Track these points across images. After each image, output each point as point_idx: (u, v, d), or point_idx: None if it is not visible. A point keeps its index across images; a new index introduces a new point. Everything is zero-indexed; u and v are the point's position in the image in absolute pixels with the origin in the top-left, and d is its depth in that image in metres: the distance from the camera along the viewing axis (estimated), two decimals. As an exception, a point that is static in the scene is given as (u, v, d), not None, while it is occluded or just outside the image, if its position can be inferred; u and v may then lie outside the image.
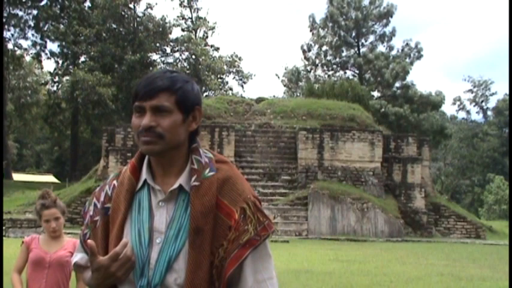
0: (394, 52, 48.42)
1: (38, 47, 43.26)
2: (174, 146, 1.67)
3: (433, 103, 43.30)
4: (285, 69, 54.69)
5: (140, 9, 48.51)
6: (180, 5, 48.12)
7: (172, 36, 45.13)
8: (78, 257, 1.82)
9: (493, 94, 63.31)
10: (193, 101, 1.71)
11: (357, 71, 49.54)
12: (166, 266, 1.60)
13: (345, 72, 50.84)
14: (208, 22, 48.73)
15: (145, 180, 1.70)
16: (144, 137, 1.64)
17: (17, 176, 41.30)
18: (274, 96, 50.49)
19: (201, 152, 1.73)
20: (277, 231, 21.16)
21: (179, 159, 1.71)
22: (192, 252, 1.59)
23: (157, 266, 1.60)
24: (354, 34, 48.99)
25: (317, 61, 51.19)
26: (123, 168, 1.80)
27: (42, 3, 41.65)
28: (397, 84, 45.36)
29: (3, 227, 18.21)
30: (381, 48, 48.97)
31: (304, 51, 51.35)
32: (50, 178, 45.16)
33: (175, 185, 1.66)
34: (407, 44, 48.02)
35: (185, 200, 1.65)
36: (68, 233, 6.67)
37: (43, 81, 47.70)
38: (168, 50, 46.08)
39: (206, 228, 1.61)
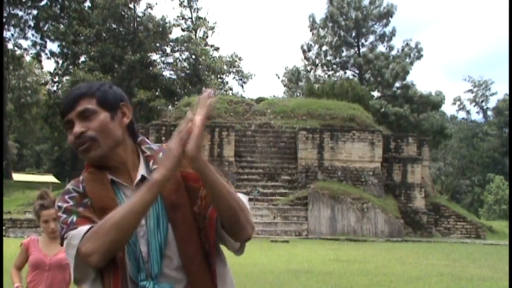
0: (394, 52, 48.46)
1: (38, 47, 43.27)
2: (112, 145, 1.68)
3: (433, 103, 43.30)
4: (285, 69, 54.75)
5: (140, 9, 48.58)
6: (180, 5, 48.07)
7: (172, 36, 45.12)
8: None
9: (493, 94, 63.41)
10: (115, 98, 1.74)
11: (357, 71, 49.53)
12: (160, 254, 1.61)
13: (345, 72, 50.86)
14: (208, 22, 48.68)
15: (111, 180, 1.69)
16: (80, 146, 1.66)
17: (17, 176, 41.31)
18: (274, 96, 50.50)
19: (148, 141, 1.78)
20: (277, 231, 21.16)
21: (128, 155, 1.72)
22: (176, 228, 1.62)
23: (150, 256, 1.61)
24: (354, 34, 48.98)
25: (317, 61, 51.19)
26: (79, 178, 1.75)
27: (42, 3, 41.66)
28: (397, 84, 45.37)
29: (3, 227, 18.21)
30: (381, 48, 49.04)
31: (304, 51, 51.36)
32: (50, 178, 45.17)
33: (138, 177, 1.68)
34: (407, 44, 48.03)
35: None
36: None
37: (43, 81, 47.68)
38: (168, 50, 46.05)
39: (182, 201, 1.65)
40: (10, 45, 42.64)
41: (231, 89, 50.42)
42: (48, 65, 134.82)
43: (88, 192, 1.68)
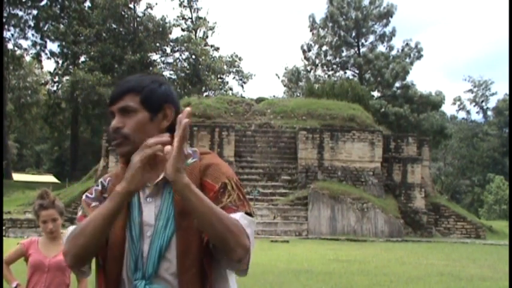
0: (394, 52, 48.43)
1: (38, 47, 43.32)
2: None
3: (433, 103, 43.30)
4: (285, 69, 54.74)
5: (140, 9, 48.55)
6: (180, 5, 48.13)
7: (172, 36, 45.17)
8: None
9: (493, 94, 63.36)
10: (159, 99, 1.75)
11: (357, 71, 49.53)
12: (158, 256, 1.62)
13: (345, 72, 50.86)
14: (208, 22, 48.74)
15: None
16: (114, 140, 1.71)
17: (17, 176, 41.30)
18: (274, 96, 50.54)
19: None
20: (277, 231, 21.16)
21: (159, 157, 1.71)
22: (180, 235, 1.63)
23: (149, 257, 1.62)
24: (354, 34, 48.98)
25: (317, 61, 51.18)
26: (113, 172, 1.85)
27: (42, 3, 41.68)
28: (397, 84, 45.35)
29: (3, 227, 18.20)
30: (381, 48, 49.02)
31: (304, 51, 51.35)
32: (50, 178, 45.15)
33: (159, 178, 1.67)
34: (407, 44, 48.02)
35: (171, 192, 1.67)
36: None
37: (43, 81, 47.71)
38: (168, 50, 46.10)
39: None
40: (10, 45, 42.68)
41: (231, 89, 50.51)
42: (48, 65, 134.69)
43: (108, 188, 1.76)
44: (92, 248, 1.62)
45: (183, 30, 47.64)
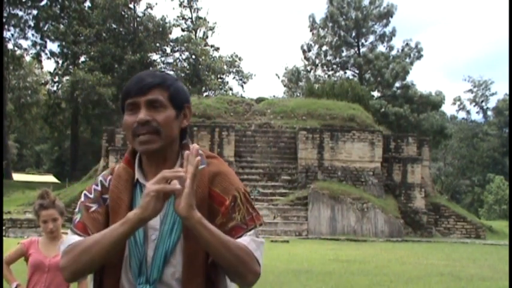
0: (394, 52, 48.41)
1: (38, 47, 43.30)
2: (169, 142, 1.67)
3: (433, 103, 43.29)
4: (285, 69, 54.74)
5: (140, 9, 48.54)
6: (180, 5, 48.13)
7: (172, 36, 45.18)
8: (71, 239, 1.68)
9: (493, 94, 63.34)
10: (183, 98, 1.74)
11: (357, 71, 49.52)
12: (163, 261, 1.60)
13: (345, 72, 50.85)
14: (208, 22, 48.74)
15: (137, 179, 1.70)
16: (142, 136, 1.64)
17: (17, 176, 41.28)
18: (274, 96, 50.53)
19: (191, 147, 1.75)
20: (278, 230, 21.16)
21: (171, 156, 1.71)
22: (186, 244, 1.60)
23: (154, 261, 1.60)
24: (354, 34, 48.97)
25: (317, 61, 51.17)
26: (116, 166, 1.79)
27: (42, 3, 41.67)
28: (397, 84, 45.34)
29: (3, 227, 18.19)
30: (381, 48, 49.00)
31: (304, 51, 51.35)
32: (50, 178, 45.15)
33: None
34: (407, 44, 48.01)
35: None
36: (68, 233, 6.68)
37: (43, 81, 47.71)
38: (168, 50, 46.11)
39: None
40: (10, 45, 42.66)
41: (231, 89, 50.51)
42: (48, 65, 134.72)
43: (109, 190, 1.71)
44: (95, 266, 1.60)
45: (183, 30, 47.66)
